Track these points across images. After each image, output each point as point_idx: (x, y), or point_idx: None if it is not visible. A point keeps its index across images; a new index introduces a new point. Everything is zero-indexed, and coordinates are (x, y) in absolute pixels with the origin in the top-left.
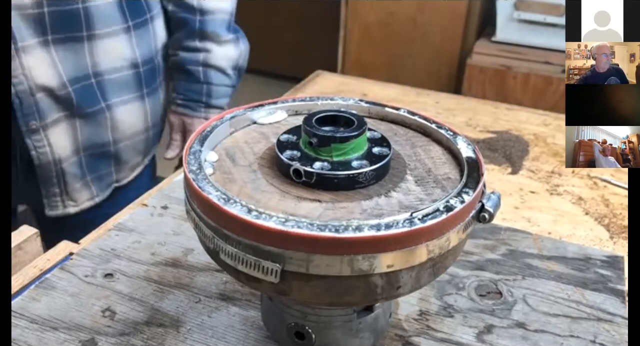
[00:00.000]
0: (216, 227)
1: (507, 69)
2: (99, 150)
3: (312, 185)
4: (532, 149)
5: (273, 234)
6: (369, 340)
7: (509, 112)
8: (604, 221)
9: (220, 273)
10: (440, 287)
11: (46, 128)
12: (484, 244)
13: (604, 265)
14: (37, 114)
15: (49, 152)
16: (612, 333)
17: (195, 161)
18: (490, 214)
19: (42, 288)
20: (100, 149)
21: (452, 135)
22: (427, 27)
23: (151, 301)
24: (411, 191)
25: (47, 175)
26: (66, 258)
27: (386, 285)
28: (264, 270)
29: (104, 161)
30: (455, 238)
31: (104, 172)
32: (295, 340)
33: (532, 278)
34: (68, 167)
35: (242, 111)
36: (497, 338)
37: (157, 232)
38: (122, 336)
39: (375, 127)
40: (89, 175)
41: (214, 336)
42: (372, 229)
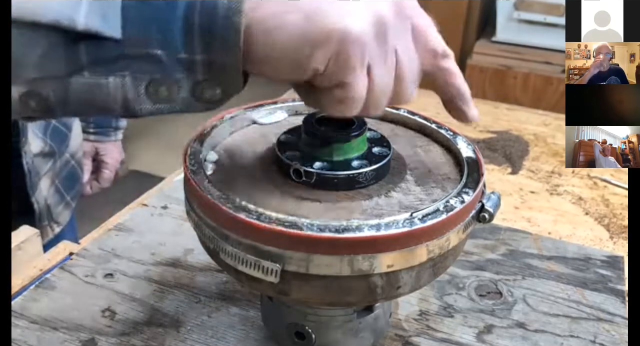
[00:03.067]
0: (216, 227)
1: (507, 69)
2: (67, 170)
3: (312, 185)
4: (532, 149)
5: (273, 234)
6: (369, 340)
7: (509, 112)
8: (604, 221)
9: (220, 273)
10: (440, 287)
11: (39, 180)
12: (484, 244)
13: (604, 265)
14: (35, 174)
15: (41, 198)
16: (612, 333)
17: (195, 161)
18: (490, 214)
19: (42, 288)
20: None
21: (452, 135)
22: None
23: (151, 301)
24: (411, 191)
25: (41, 217)
26: (66, 258)
27: (386, 285)
28: (264, 270)
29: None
30: (455, 238)
31: (76, 184)
32: (295, 340)
33: (532, 278)
34: (50, 198)
35: (242, 111)
36: (497, 338)
37: (157, 232)
38: (122, 336)
39: (375, 127)
40: (67, 195)
41: (214, 336)
42: (372, 229)
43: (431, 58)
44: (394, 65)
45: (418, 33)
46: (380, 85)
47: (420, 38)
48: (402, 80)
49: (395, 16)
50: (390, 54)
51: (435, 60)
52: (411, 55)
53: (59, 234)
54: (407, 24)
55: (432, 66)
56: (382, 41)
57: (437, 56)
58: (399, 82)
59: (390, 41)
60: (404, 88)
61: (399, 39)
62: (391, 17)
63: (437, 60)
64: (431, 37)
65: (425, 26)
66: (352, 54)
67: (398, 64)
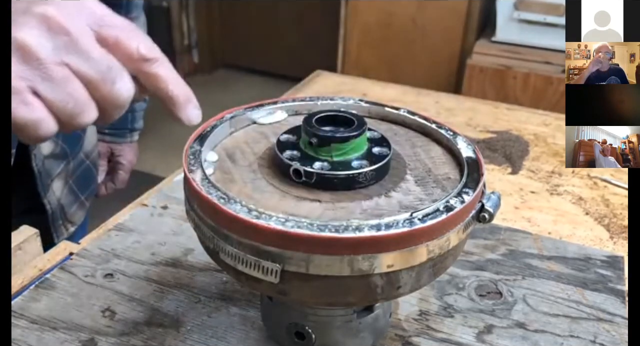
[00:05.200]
0: (216, 227)
1: (507, 68)
2: (81, 170)
3: (312, 185)
4: (532, 149)
5: (273, 234)
6: (369, 340)
7: (509, 112)
8: (604, 221)
9: (220, 273)
10: (440, 287)
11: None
12: (484, 244)
13: (604, 265)
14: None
15: (54, 199)
16: (612, 333)
17: (195, 161)
18: (490, 214)
19: (42, 288)
20: (82, 168)
21: (452, 135)
22: (427, 27)
23: (151, 301)
24: (411, 191)
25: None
26: (66, 258)
27: (386, 285)
28: (264, 270)
29: (88, 175)
30: (455, 238)
31: (91, 184)
32: (295, 340)
33: (532, 278)
34: (64, 198)
35: (242, 111)
36: (497, 338)
37: (157, 232)
38: (122, 336)
39: (375, 127)
40: (81, 195)
41: (214, 336)
42: (372, 229)
43: (132, 63)
44: (68, 76)
45: (107, 42)
46: (56, 99)
47: (111, 47)
48: (94, 84)
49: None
50: (55, 68)
51: (137, 65)
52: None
53: (73, 233)
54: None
55: (135, 71)
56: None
57: (138, 61)
58: (92, 87)
59: (47, 58)
60: (101, 90)
61: (63, 51)
62: (34, 38)
63: (139, 65)
64: (124, 43)
65: (115, 34)
66: None
67: (77, 73)
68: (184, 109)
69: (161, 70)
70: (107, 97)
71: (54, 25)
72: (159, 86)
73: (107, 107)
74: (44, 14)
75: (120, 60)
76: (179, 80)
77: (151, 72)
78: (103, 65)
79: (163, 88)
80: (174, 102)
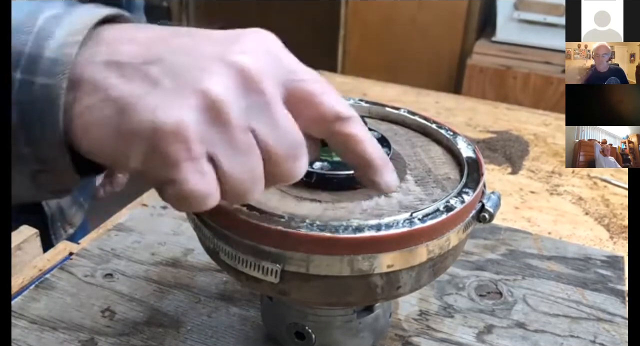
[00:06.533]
0: (216, 227)
1: (507, 68)
2: None
3: (312, 185)
4: (532, 149)
5: (273, 234)
6: (369, 340)
7: (509, 112)
8: (604, 221)
9: (220, 273)
10: (440, 287)
11: None
12: (484, 244)
13: (604, 265)
14: None
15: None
16: (612, 333)
17: None
18: (490, 214)
19: (42, 288)
20: None
21: (452, 135)
22: (427, 27)
23: (151, 301)
24: (411, 191)
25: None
26: (66, 258)
27: (386, 285)
28: (264, 270)
29: None
30: (455, 238)
31: (89, 185)
32: (295, 340)
33: (532, 278)
34: (62, 200)
35: None
36: (497, 338)
37: (157, 232)
38: (122, 336)
39: (375, 127)
40: (80, 197)
41: (213, 336)
42: (372, 229)
43: (322, 124)
44: (252, 146)
45: (297, 100)
46: (234, 172)
47: (299, 106)
48: (274, 159)
49: (237, 92)
50: (241, 135)
51: (328, 126)
52: (281, 129)
53: (73, 235)
54: (262, 97)
55: (324, 133)
56: (221, 125)
57: (330, 122)
58: (272, 163)
59: (236, 121)
60: (281, 167)
61: (253, 114)
62: (229, 95)
63: (332, 126)
64: (317, 100)
65: (308, 90)
66: (169, 150)
67: (261, 143)
68: (383, 174)
69: (354, 129)
70: (283, 175)
71: (249, 81)
72: (355, 148)
73: (272, 185)
74: (241, 65)
75: (308, 119)
76: (373, 141)
77: (347, 132)
78: (290, 137)
79: (359, 150)
80: (371, 165)
